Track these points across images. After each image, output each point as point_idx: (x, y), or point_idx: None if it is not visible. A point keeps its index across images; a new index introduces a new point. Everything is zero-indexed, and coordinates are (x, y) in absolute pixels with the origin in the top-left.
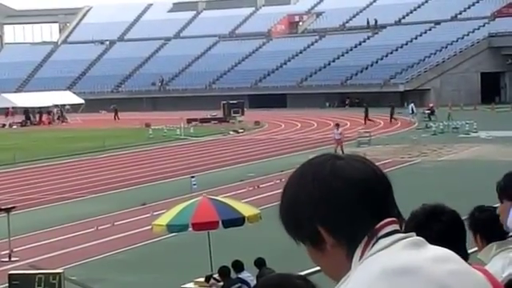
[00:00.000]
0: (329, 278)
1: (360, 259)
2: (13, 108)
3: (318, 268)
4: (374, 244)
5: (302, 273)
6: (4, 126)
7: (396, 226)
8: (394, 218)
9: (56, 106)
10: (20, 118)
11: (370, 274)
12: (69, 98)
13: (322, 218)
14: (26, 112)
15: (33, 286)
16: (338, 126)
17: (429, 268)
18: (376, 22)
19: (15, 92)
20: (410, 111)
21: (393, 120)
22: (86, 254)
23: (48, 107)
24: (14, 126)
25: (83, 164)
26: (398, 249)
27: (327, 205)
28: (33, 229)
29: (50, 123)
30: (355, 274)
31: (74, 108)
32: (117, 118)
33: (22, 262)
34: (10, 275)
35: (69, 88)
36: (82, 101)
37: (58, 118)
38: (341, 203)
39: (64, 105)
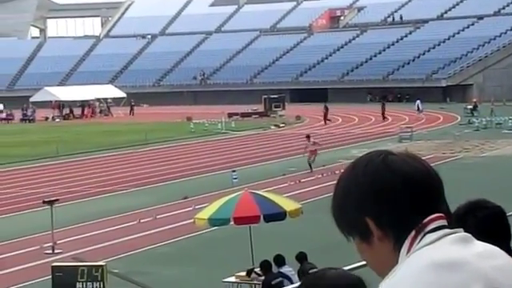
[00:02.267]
0: (375, 273)
1: (407, 253)
2: (56, 101)
3: (360, 263)
4: (421, 238)
5: (345, 268)
6: (47, 118)
7: (444, 222)
8: (441, 214)
9: (98, 99)
10: (59, 111)
11: (418, 267)
12: (111, 91)
13: (370, 210)
14: (62, 106)
15: (76, 278)
16: (308, 137)
17: (476, 263)
18: (401, 17)
19: (58, 85)
20: (417, 108)
21: (385, 118)
22: (129, 246)
23: (90, 101)
24: (57, 120)
25: (125, 157)
26: (446, 244)
27: (376, 197)
28: (76, 221)
29: (91, 116)
30: (402, 268)
31: (116, 102)
32: (132, 114)
33: (65, 255)
34: (54, 267)
35: (111, 82)
36: (123, 94)
37: (101, 112)
38: (390, 196)
39: (106, 98)
